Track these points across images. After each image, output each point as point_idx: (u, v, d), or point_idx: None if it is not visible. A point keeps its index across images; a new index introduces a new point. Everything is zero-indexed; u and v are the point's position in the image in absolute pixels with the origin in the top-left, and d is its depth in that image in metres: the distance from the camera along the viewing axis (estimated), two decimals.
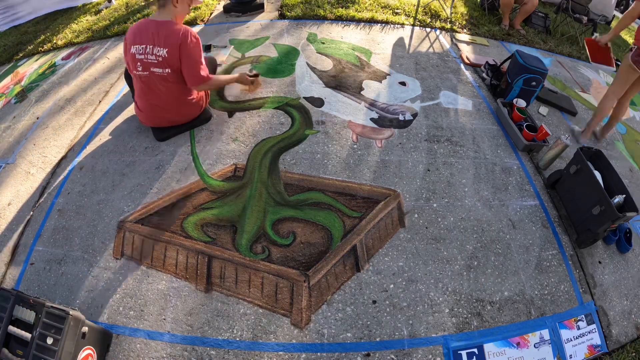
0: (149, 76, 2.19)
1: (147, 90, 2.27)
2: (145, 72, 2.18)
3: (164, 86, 2.24)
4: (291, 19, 4.08)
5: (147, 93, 2.29)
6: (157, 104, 2.33)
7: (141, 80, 2.23)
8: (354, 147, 2.55)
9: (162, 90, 2.26)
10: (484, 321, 1.82)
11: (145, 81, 2.23)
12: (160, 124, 2.49)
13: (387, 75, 3.31)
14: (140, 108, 2.41)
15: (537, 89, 3.01)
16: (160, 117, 2.43)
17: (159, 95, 2.28)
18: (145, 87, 2.26)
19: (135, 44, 2.16)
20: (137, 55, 2.16)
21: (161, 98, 2.29)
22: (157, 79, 2.21)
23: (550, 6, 5.77)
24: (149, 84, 2.24)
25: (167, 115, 2.42)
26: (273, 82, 3.07)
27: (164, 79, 2.21)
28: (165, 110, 2.38)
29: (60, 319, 1.34)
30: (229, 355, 1.62)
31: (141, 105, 2.38)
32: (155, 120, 2.46)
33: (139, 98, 2.37)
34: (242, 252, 1.95)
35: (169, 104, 2.34)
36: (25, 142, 2.70)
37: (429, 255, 2.02)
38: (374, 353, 1.66)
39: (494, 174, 2.51)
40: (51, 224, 2.12)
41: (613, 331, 1.92)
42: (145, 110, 2.39)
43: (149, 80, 2.22)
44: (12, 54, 4.17)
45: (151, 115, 2.41)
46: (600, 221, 2.02)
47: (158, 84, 2.23)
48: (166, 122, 2.48)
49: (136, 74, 2.22)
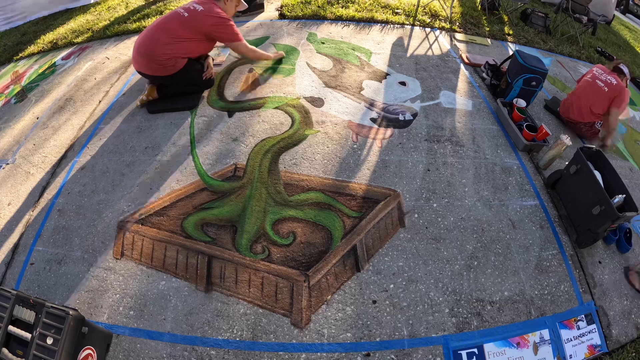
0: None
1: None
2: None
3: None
4: (291, 19, 4.08)
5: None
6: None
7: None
8: (354, 147, 2.55)
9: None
10: (484, 321, 1.82)
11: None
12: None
13: (387, 75, 3.31)
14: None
15: (537, 89, 3.01)
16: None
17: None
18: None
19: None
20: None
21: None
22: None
23: (550, 6, 5.77)
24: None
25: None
26: (273, 82, 3.07)
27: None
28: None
29: (60, 319, 1.34)
30: (229, 355, 1.62)
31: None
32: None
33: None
34: (242, 252, 1.95)
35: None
36: (25, 142, 2.70)
37: (429, 255, 2.02)
38: (374, 353, 1.66)
39: (494, 174, 2.51)
40: (51, 224, 2.12)
41: (613, 331, 1.92)
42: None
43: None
44: (12, 54, 4.17)
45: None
46: (600, 221, 2.02)
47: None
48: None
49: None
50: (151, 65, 2.61)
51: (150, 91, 2.78)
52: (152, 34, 2.59)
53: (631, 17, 9.52)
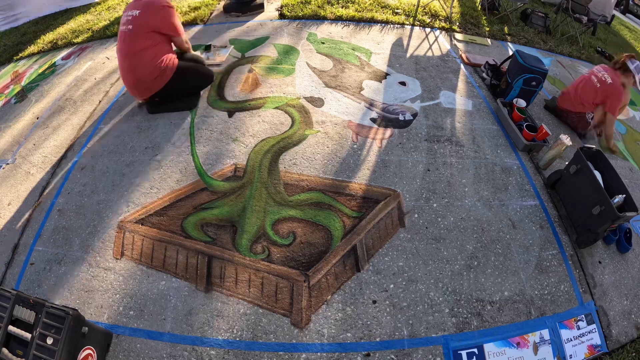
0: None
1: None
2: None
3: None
4: (291, 19, 4.08)
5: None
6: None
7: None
8: (354, 147, 2.55)
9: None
10: (484, 321, 1.82)
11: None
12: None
13: (387, 75, 3.31)
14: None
15: (537, 89, 3.01)
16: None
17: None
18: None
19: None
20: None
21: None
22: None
23: (550, 6, 5.77)
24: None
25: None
26: (273, 82, 3.07)
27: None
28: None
29: (60, 319, 1.34)
30: (229, 355, 1.62)
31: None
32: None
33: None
34: (242, 252, 1.95)
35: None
36: (25, 142, 2.70)
37: (429, 255, 2.02)
38: (374, 353, 1.66)
39: (494, 174, 2.51)
40: (51, 224, 2.12)
41: (613, 331, 1.92)
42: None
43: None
44: (12, 54, 4.17)
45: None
46: (600, 221, 2.02)
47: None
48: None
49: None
50: (146, 87, 2.59)
51: None
52: (126, 65, 2.53)
53: (631, 17, 9.52)
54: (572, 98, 3.02)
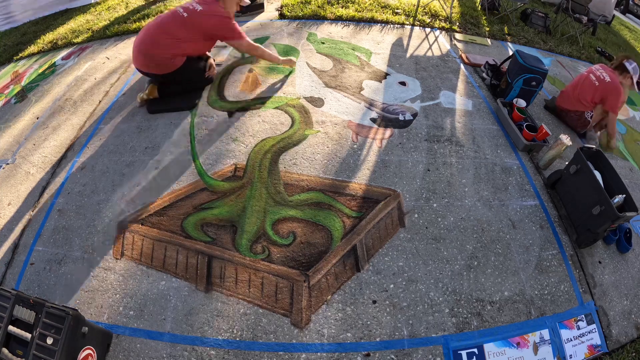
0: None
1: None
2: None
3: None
4: (291, 19, 4.08)
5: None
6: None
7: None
8: (354, 147, 2.55)
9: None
10: (484, 321, 1.82)
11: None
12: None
13: (387, 75, 3.31)
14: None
15: (537, 89, 3.01)
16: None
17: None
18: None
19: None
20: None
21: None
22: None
23: (550, 6, 5.77)
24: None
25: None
26: (273, 82, 3.07)
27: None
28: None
29: (60, 319, 1.34)
30: (229, 355, 1.62)
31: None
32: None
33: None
34: (242, 252, 1.95)
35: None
36: (25, 142, 2.70)
37: (429, 255, 2.02)
38: (374, 353, 1.66)
39: (494, 174, 2.51)
40: (51, 224, 2.12)
41: (613, 331, 1.92)
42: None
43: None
44: (12, 54, 4.17)
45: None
46: (600, 221, 2.02)
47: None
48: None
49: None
50: (150, 64, 2.62)
51: (151, 90, 2.78)
52: (152, 34, 2.59)
53: (631, 17, 9.52)
54: (571, 97, 3.02)
